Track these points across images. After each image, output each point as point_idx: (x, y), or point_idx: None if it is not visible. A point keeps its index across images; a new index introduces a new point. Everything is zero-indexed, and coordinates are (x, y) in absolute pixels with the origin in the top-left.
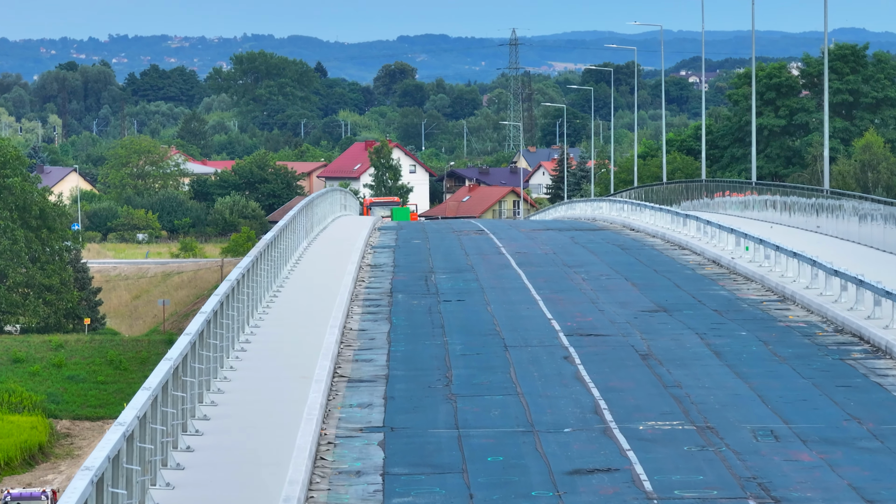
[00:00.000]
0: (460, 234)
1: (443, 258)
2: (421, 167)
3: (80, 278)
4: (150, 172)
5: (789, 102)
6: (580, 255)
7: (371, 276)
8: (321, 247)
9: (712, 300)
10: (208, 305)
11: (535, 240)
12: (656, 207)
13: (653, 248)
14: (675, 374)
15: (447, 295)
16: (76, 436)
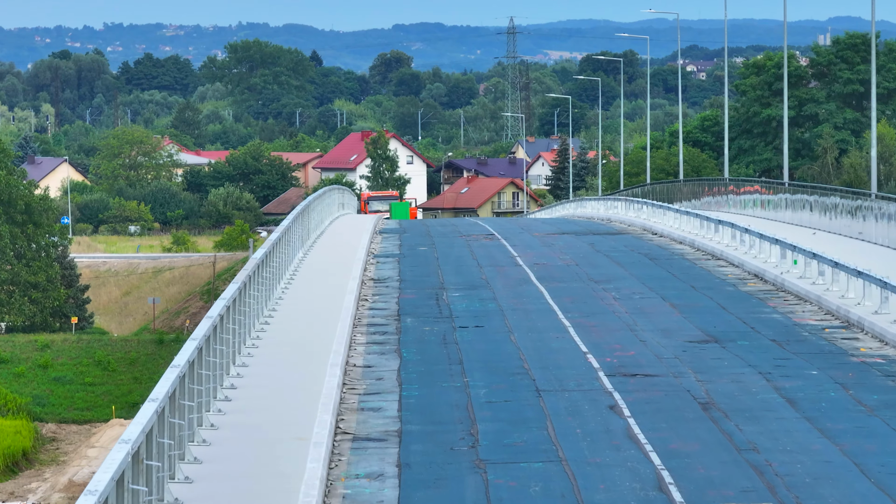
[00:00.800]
0: (469, 238)
1: (454, 270)
2: (418, 158)
3: (68, 275)
4: (143, 163)
5: (798, 93)
6: (605, 267)
7: (375, 294)
8: (319, 257)
9: (767, 326)
10: (181, 356)
11: (552, 247)
12: (682, 211)
13: (683, 257)
14: (748, 432)
15: (463, 319)
16: (62, 440)
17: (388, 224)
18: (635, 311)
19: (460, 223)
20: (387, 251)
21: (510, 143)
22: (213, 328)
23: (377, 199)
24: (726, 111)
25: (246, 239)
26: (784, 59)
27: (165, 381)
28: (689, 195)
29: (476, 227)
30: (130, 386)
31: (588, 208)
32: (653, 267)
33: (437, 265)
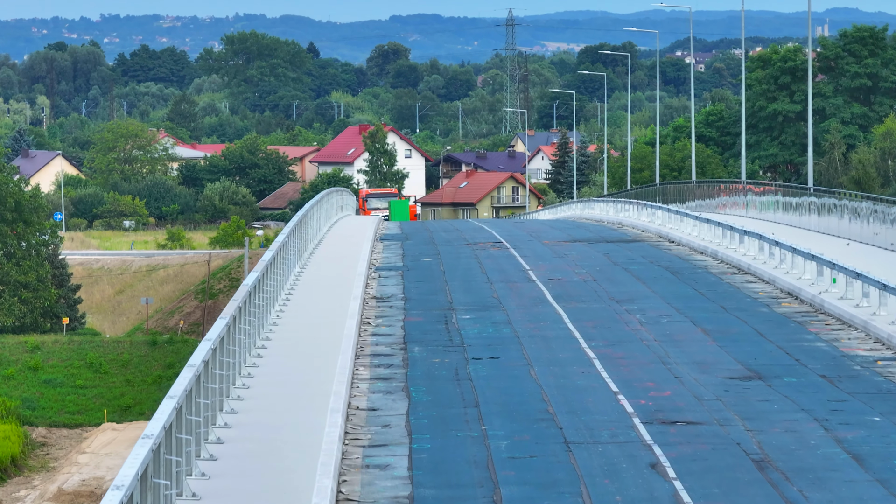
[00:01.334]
0: (475, 247)
1: (462, 286)
2: (417, 152)
3: (59, 275)
4: (138, 157)
5: (805, 87)
6: (626, 284)
7: (378, 315)
8: (317, 271)
9: (812, 358)
10: (153, 424)
11: (565, 258)
12: (702, 219)
13: (707, 271)
14: (815, 502)
15: (475, 347)
16: (52, 445)
17: (389, 228)
18: (664, 338)
19: (465, 227)
20: (389, 262)
21: (509, 137)
22: (195, 378)
23: (376, 197)
24: (743, 108)
25: (242, 235)
26: (809, 57)
27: (134, 458)
28: (702, 196)
29: (482, 232)
30: (123, 389)
31: (596, 210)
32: (676, 283)
33: (444, 280)
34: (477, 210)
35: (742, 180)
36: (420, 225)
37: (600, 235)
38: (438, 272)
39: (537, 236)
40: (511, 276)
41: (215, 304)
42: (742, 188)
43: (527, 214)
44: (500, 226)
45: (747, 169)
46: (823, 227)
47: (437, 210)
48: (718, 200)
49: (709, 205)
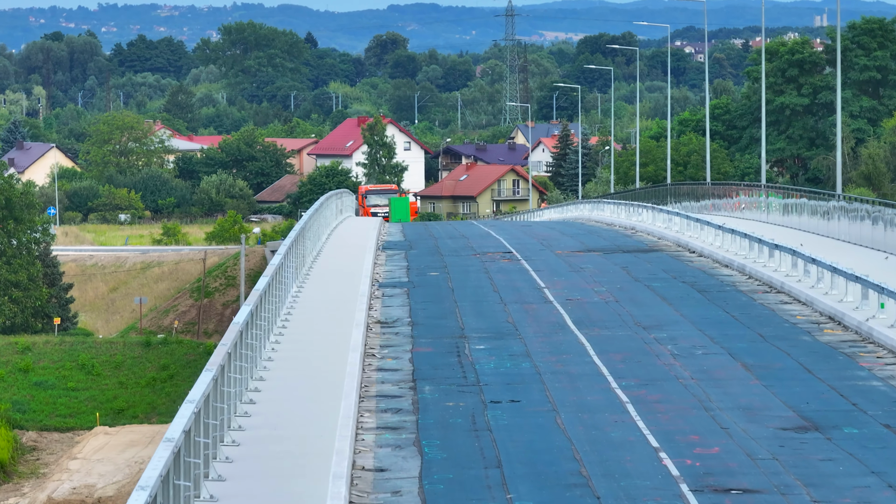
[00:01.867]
0: (484, 258)
1: (473, 308)
2: (416, 144)
3: (50, 273)
4: (134, 149)
5: (812, 80)
6: (650, 305)
7: (384, 345)
8: (316, 290)
9: (871, 401)
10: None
11: (581, 272)
12: (726, 229)
13: (736, 289)
14: None
15: (493, 387)
16: (43, 449)
17: (391, 234)
18: (702, 375)
19: (471, 233)
20: (393, 277)
21: (509, 128)
22: (173, 455)
23: (375, 193)
24: (763, 105)
25: (238, 230)
26: (837, 54)
27: None
28: (718, 195)
29: (489, 239)
30: (116, 391)
31: (606, 212)
32: (705, 304)
33: (454, 300)
34: (477, 203)
35: (762, 183)
36: (423, 229)
37: (615, 244)
38: (447, 290)
39: (549, 245)
40: (526, 296)
41: (210, 303)
42: (762, 189)
43: (531, 213)
44: (508, 231)
45: (754, 164)
46: (855, 237)
47: (437, 203)
48: (736, 201)
49: (726, 204)
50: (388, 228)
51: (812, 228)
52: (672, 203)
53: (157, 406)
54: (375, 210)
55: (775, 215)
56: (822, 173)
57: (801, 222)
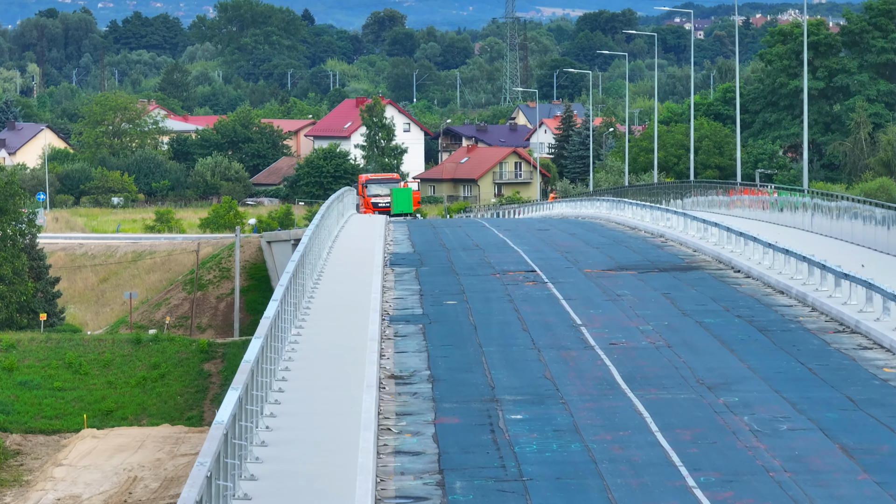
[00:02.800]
0: (505, 279)
1: (502, 355)
2: (415, 125)
3: (36, 267)
4: (127, 130)
5: (828, 63)
6: (709, 352)
7: (400, 412)
8: (318, 334)
9: None
10: None
11: (618, 302)
12: (779, 248)
13: (803, 327)
14: None
15: (540, 483)
16: (28, 454)
17: (398, 242)
18: (796, 465)
19: (485, 242)
20: (405, 308)
21: (509, 108)
22: None
23: (376, 183)
24: (806, 102)
25: (233, 216)
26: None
27: None
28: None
29: (507, 252)
30: (104, 391)
31: (628, 213)
32: (772, 350)
33: (478, 342)
34: (479, 186)
35: (805, 188)
36: (432, 235)
37: (647, 258)
38: (468, 327)
39: (574, 260)
40: (561, 337)
41: (204, 296)
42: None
43: (540, 206)
44: (526, 240)
45: (767, 149)
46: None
47: (437, 186)
48: (766, 200)
49: (752, 203)
50: (394, 234)
51: (868, 243)
52: (695, 195)
53: (147, 407)
54: (377, 200)
55: (822, 221)
56: (837, 159)
57: (853, 231)
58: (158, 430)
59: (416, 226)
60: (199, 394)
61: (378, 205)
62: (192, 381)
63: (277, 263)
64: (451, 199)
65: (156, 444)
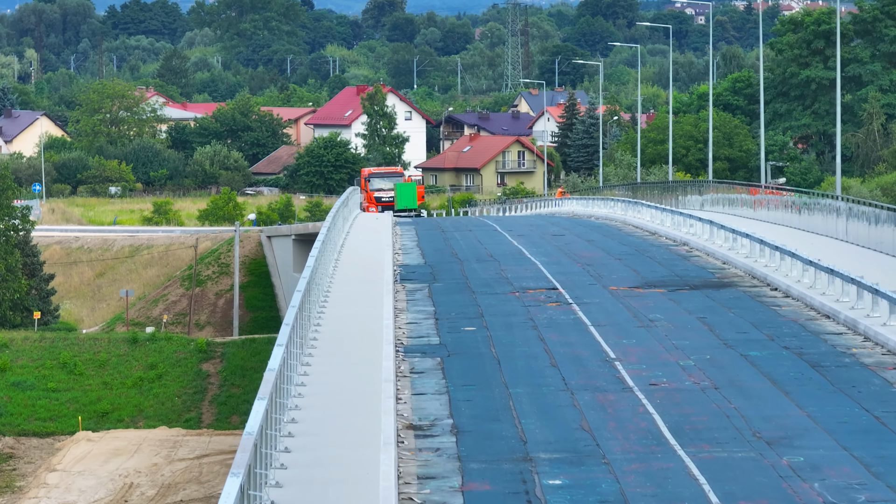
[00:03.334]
0: (525, 298)
1: (532, 399)
2: (417, 113)
3: (30, 263)
4: (125, 118)
5: (840, 52)
6: (762, 395)
7: (423, 475)
8: (326, 371)
9: None
10: None
11: (652, 329)
12: (823, 267)
13: (860, 363)
14: None
15: None
16: (21, 458)
17: (407, 251)
18: None
19: (499, 251)
20: (420, 336)
21: (511, 95)
22: None
23: (379, 177)
24: (839, 103)
25: (233, 208)
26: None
27: None
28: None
29: (524, 264)
30: (100, 392)
31: (646, 216)
32: (831, 392)
33: (503, 381)
34: (481, 176)
35: (838, 194)
36: (443, 243)
37: (674, 272)
38: (491, 360)
39: (597, 274)
40: (594, 374)
41: (202, 292)
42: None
43: (549, 202)
44: (543, 249)
45: (777, 141)
46: None
47: (439, 176)
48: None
49: (777, 202)
50: (402, 240)
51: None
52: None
53: (143, 409)
54: (380, 194)
55: (857, 228)
56: (850, 151)
57: (894, 243)
58: (155, 433)
59: (424, 229)
60: (197, 395)
61: (381, 199)
62: (190, 382)
63: (278, 259)
64: (454, 189)
65: (153, 448)
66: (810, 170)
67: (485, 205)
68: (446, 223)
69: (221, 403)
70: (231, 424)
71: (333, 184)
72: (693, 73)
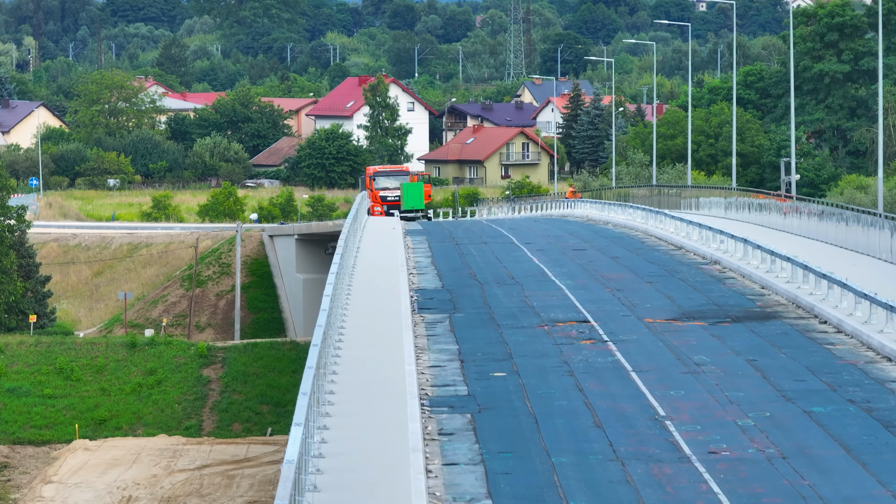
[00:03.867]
0: (555, 332)
1: (578, 475)
2: (420, 104)
3: (26, 265)
4: (124, 109)
5: (854, 45)
6: (838, 467)
7: None
8: (346, 437)
9: None
10: None
11: (699, 374)
12: (880, 303)
13: None
14: None
15: None
16: (15, 467)
17: (422, 270)
18: None
19: (520, 271)
20: (447, 385)
21: (514, 85)
22: None
23: (385, 175)
24: (881, 106)
25: (233, 203)
26: None
27: None
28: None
29: (550, 290)
30: (97, 399)
31: (670, 228)
32: None
33: (545, 450)
34: (485, 168)
35: (880, 212)
36: (458, 258)
37: (711, 299)
38: (527, 417)
39: (629, 302)
40: (644, 438)
41: (203, 293)
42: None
43: (561, 203)
44: (565, 266)
45: (790, 135)
46: None
47: (442, 168)
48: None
49: (818, 212)
50: (416, 257)
51: None
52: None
53: (142, 416)
54: (385, 193)
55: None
56: (864, 146)
57: None
58: (155, 442)
59: (436, 241)
60: (197, 401)
61: (387, 198)
62: (190, 388)
63: (280, 259)
64: (457, 182)
65: (152, 458)
66: (824, 165)
67: (492, 203)
68: (458, 232)
69: (223, 410)
70: (232, 432)
71: (335, 176)
72: (696, 62)
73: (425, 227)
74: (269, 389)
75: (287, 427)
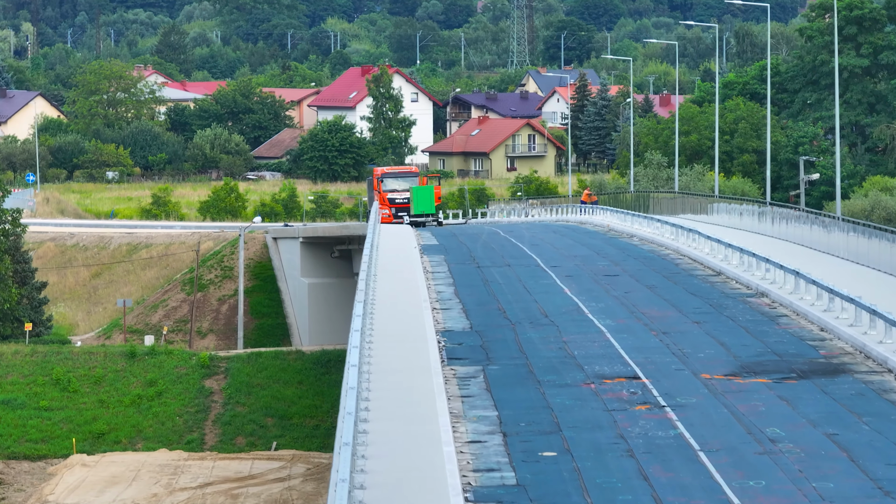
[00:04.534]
0: (604, 395)
1: None
2: (424, 95)
3: (21, 270)
4: (123, 100)
5: (872, 38)
6: None
7: None
8: None
9: None
10: None
11: (781, 459)
12: None
13: None
14: None
15: None
16: (10, 484)
17: (447, 306)
18: None
19: (554, 309)
20: (491, 469)
21: (518, 73)
22: None
23: (393, 177)
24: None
25: (234, 199)
26: None
27: None
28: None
29: (588, 330)
30: (95, 411)
31: (705, 249)
32: None
33: None
34: (490, 160)
35: None
36: (484, 290)
37: (768, 345)
38: None
39: (679, 350)
40: None
41: (204, 297)
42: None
43: (577, 209)
44: (600, 299)
45: (808, 132)
46: None
47: (447, 160)
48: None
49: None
50: (437, 285)
51: None
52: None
53: (142, 429)
54: (394, 196)
55: None
56: (883, 143)
57: None
58: (155, 457)
59: (455, 261)
60: (199, 414)
61: (395, 201)
62: (191, 400)
63: (284, 262)
64: (462, 174)
65: (152, 475)
66: (843, 163)
67: (504, 204)
68: (477, 248)
69: (225, 423)
70: (236, 446)
71: (338, 169)
72: (701, 49)
73: (441, 240)
74: (274, 401)
75: (292, 441)
